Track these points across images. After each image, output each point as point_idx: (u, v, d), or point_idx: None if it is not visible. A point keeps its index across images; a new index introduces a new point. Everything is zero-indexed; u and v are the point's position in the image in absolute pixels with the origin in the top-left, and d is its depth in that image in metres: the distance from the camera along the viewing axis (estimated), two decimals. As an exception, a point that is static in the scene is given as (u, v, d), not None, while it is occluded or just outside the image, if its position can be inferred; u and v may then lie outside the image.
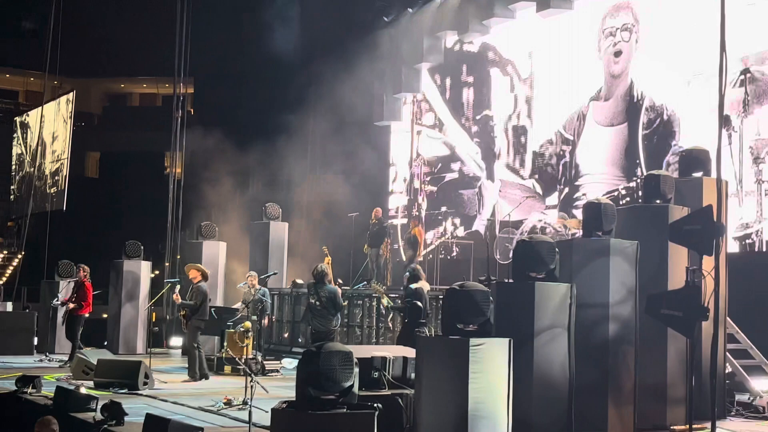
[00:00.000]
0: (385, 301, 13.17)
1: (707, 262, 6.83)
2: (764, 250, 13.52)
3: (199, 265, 14.43)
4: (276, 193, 20.12)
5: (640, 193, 10.83)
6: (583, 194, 16.73)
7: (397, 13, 21.75)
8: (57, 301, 17.59)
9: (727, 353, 10.84)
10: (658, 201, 9.88)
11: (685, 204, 9.84)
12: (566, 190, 17.64)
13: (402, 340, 11.65)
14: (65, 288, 17.83)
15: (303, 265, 18.96)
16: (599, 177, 17.00)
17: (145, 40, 27.53)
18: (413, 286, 11.80)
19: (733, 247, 13.24)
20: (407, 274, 12.21)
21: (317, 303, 12.04)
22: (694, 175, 10.50)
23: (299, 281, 17.02)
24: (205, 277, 13.81)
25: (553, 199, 17.92)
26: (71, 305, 15.01)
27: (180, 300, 13.55)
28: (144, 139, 34.22)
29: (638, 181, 15.16)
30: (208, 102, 24.36)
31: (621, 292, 8.88)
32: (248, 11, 22.31)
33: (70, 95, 29.26)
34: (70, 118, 28.62)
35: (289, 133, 20.63)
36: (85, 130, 35.12)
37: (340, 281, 17.50)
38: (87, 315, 15.73)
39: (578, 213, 15.74)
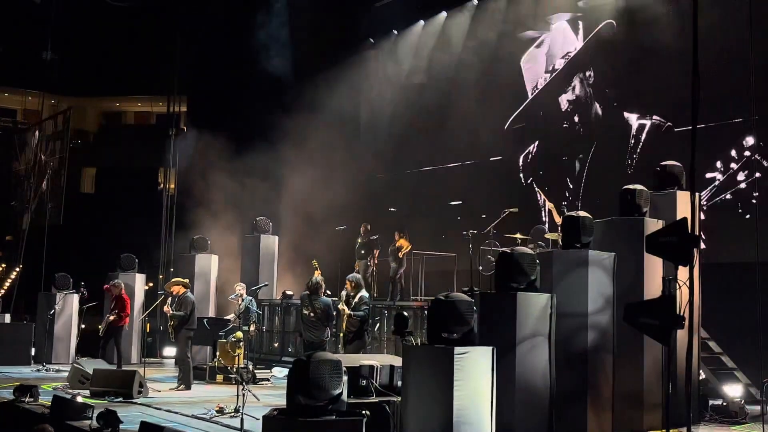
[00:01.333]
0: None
1: (682, 273, 6.86)
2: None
3: (176, 279, 14.43)
4: (268, 206, 20.08)
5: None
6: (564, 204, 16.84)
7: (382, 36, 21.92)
8: (52, 312, 17.51)
9: (701, 361, 10.89)
10: (635, 214, 9.94)
11: (659, 217, 9.90)
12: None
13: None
14: (62, 300, 17.76)
15: (292, 277, 18.96)
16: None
17: (139, 61, 27.50)
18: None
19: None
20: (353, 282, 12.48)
21: (311, 314, 11.99)
22: (668, 189, 10.57)
23: (289, 292, 16.99)
24: (187, 287, 13.78)
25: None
26: (111, 317, 14.97)
27: (171, 311, 13.52)
28: (138, 155, 34.19)
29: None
30: (201, 119, 24.32)
31: (599, 301, 8.92)
32: (239, 33, 22.38)
33: (67, 113, 29.15)
34: (67, 135, 28.49)
35: (280, 148, 20.64)
36: (82, 147, 35.04)
37: (328, 292, 17.50)
38: (125, 326, 15.72)
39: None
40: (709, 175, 14.24)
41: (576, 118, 17.72)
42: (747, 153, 13.81)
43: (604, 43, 16.96)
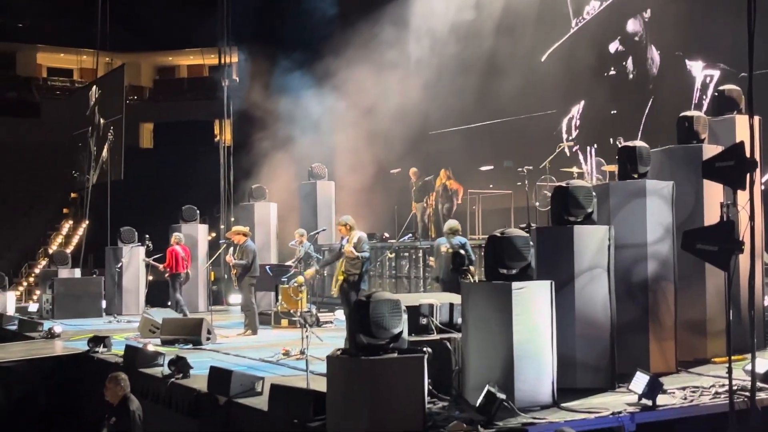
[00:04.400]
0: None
1: (741, 197, 6.73)
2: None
3: (237, 228, 14.54)
4: (322, 153, 20.17)
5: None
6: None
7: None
8: (120, 265, 17.92)
9: (765, 286, 10.72)
10: (693, 141, 9.74)
11: (718, 143, 9.68)
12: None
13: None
14: (128, 253, 18.15)
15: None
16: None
17: (189, 14, 27.58)
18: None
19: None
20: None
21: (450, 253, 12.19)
22: (727, 114, 10.32)
23: (386, 235, 17.20)
24: (248, 235, 13.95)
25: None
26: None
27: (233, 260, 13.74)
28: (194, 108, 34.52)
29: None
30: (253, 69, 24.40)
31: (658, 231, 8.81)
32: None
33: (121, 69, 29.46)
34: (123, 92, 28.85)
35: (331, 95, 20.64)
36: (138, 103, 35.50)
37: (386, 235, 17.65)
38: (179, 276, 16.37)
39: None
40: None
41: (628, 64, 16.91)
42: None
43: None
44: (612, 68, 17.37)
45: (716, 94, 10.72)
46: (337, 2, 22.08)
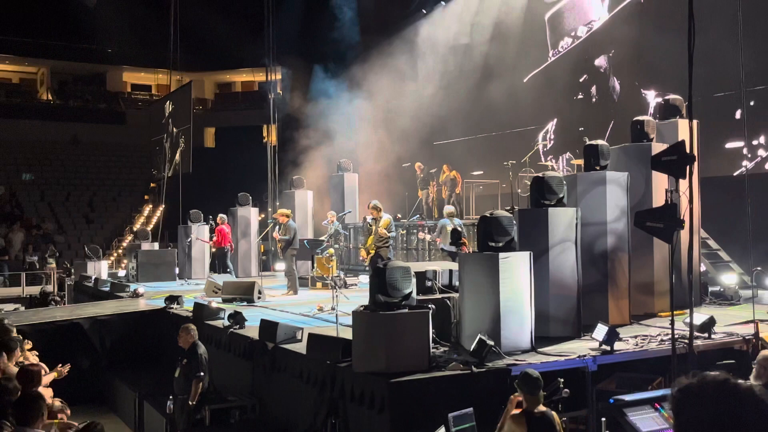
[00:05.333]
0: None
1: (682, 185, 6.67)
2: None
3: (281, 210, 14.51)
4: (348, 150, 20.17)
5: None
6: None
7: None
8: (189, 239, 17.99)
9: (702, 255, 10.66)
10: (644, 140, 9.67)
11: (664, 142, 9.60)
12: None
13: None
14: (196, 230, 18.22)
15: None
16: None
17: (242, 40, 27.56)
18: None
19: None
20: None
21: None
22: (671, 119, 10.23)
23: (399, 215, 17.30)
24: (289, 216, 13.96)
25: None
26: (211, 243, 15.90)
27: (278, 236, 13.78)
28: (246, 115, 34.52)
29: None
30: (293, 83, 24.40)
31: (616, 212, 8.78)
32: (318, 8, 22.29)
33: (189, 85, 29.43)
34: (190, 103, 28.84)
35: (353, 107, 20.67)
36: (202, 112, 35.53)
37: (399, 215, 17.62)
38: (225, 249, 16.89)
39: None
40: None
41: (593, 91, 16.69)
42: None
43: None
44: (580, 93, 17.17)
45: (662, 102, 10.62)
46: (360, 29, 22.03)
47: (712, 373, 1.65)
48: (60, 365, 7.47)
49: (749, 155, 12.70)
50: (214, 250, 17.09)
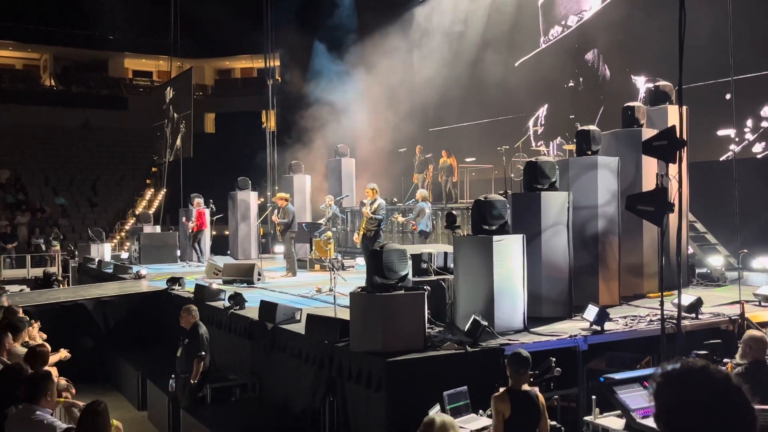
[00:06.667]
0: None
1: (672, 169, 6.65)
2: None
3: (280, 194, 14.46)
4: (345, 135, 20.07)
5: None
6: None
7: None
8: (186, 221, 17.90)
9: (690, 238, 10.66)
10: (635, 126, 9.64)
11: (654, 127, 9.57)
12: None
13: None
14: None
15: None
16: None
17: (241, 27, 27.35)
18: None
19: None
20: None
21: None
22: (660, 105, 10.19)
23: (395, 200, 17.23)
24: (288, 200, 13.91)
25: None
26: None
27: (277, 219, 13.75)
28: (246, 101, 34.34)
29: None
30: (292, 69, 24.26)
31: (607, 196, 8.76)
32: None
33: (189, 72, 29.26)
34: (191, 89, 28.67)
35: (352, 88, 20.54)
36: (203, 98, 35.31)
37: (395, 199, 17.58)
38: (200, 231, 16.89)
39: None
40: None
41: (584, 78, 16.54)
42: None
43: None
44: (571, 81, 17.05)
45: (653, 88, 10.57)
46: (357, 16, 21.86)
47: (692, 359, 1.69)
48: (63, 350, 7.45)
49: (737, 139, 12.66)
50: (191, 232, 17.00)
